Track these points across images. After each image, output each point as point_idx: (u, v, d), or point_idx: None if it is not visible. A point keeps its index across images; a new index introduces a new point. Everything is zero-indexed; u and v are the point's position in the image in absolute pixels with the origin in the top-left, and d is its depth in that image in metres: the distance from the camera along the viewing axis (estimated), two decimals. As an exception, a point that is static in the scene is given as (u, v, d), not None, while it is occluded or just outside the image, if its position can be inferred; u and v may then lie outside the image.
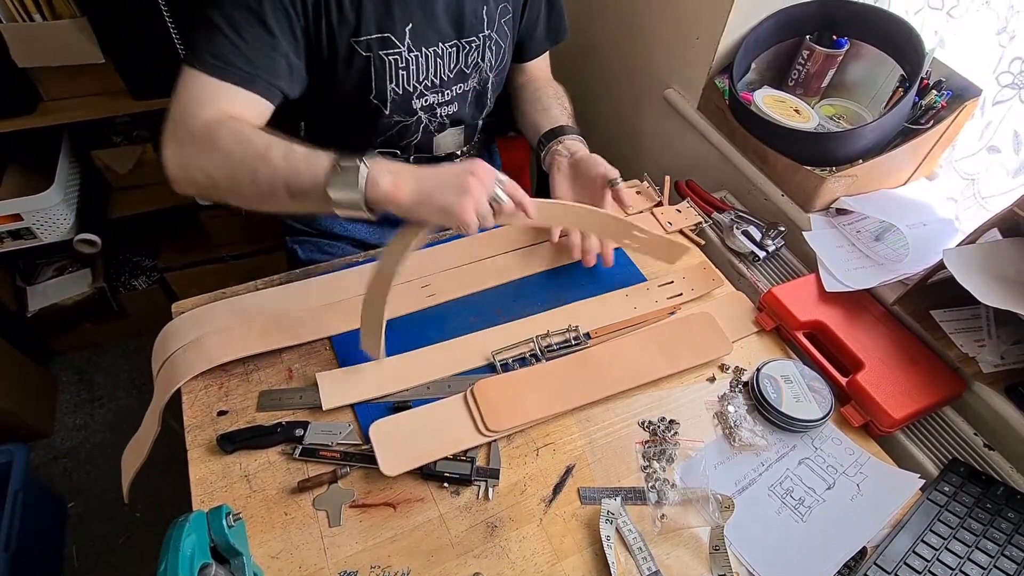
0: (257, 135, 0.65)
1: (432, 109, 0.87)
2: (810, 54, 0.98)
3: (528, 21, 0.92)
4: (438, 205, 0.61)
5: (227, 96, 0.67)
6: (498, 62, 0.89)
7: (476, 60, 0.85)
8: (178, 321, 0.76)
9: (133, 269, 1.63)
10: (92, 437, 1.51)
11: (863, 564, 0.61)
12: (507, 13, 0.86)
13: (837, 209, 0.92)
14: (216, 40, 0.67)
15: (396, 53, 0.78)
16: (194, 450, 0.66)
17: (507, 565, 0.60)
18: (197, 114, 0.66)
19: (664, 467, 0.67)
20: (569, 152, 0.86)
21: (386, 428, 0.66)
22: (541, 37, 0.95)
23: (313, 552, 0.59)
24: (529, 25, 0.92)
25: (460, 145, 0.97)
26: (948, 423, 0.74)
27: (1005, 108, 0.84)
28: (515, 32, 0.91)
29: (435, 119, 0.89)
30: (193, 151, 0.65)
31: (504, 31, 0.87)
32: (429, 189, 0.61)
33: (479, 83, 0.89)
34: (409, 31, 0.77)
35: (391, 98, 0.81)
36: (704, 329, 0.79)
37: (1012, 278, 0.69)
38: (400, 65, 0.79)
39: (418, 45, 0.79)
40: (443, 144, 0.94)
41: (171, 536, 0.46)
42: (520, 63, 0.97)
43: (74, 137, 1.38)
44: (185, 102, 0.67)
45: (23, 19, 1.04)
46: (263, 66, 0.69)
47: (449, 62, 0.83)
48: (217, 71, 0.67)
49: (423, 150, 0.93)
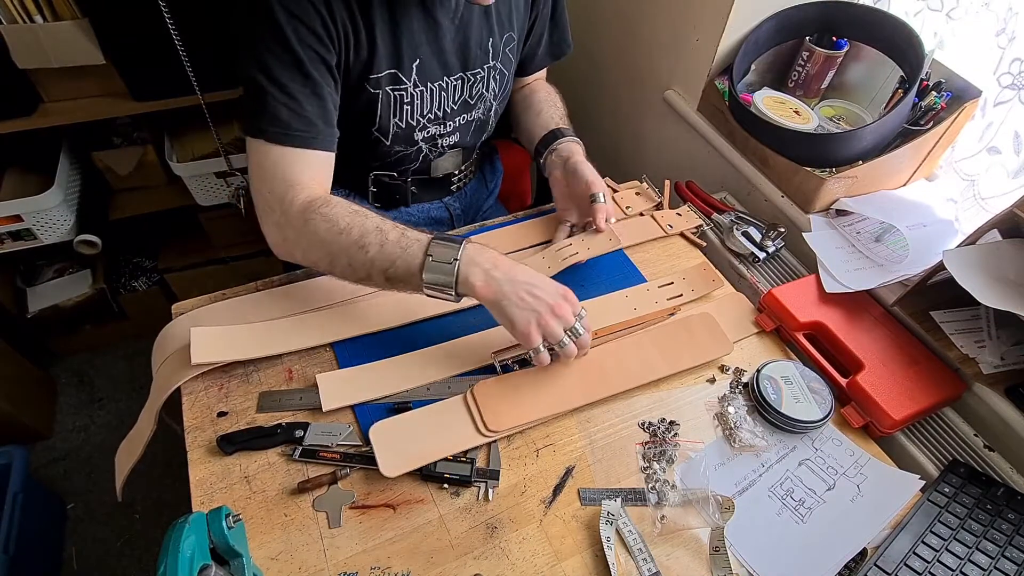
0: (351, 222, 0.68)
1: (434, 139, 0.87)
2: (810, 55, 0.99)
3: (532, 41, 0.91)
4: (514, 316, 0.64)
5: (298, 161, 0.70)
6: (502, 89, 0.89)
7: (481, 91, 0.85)
8: (177, 322, 0.76)
9: (133, 270, 1.64)
10: (92, 439, 1.51)
11: (863, 565, 0.61)
12: (512, 41, 0.85)
13: (837, 210, 0.92)
14: (270, 106, 0.68)
15: (402, 89, 0.78)
16: (194, 451, 0.66)
17: (507, 566, 0.60)
18: (286, 197, 0.69)
19: (664, 468, 0.67)
20: (562, 159, 0.86)
21: (386, 429, 0.66)
22: (544, 54, 0.95)
23: (313, 553, 0.59)
24: (532, 44, 0.92)
25: (458, 166, 0.97)
26: (948, 424, 0.74)
27: (1006, 109, 0.84)
28: (519, 56, 0.90)
29: (436, 148, 0.89)
30: (292, 237, 0.70)
31: (509, 59, 0.87)
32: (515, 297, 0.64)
33: (483, 112, 0.89)
34: (416, 67, 0.77)
35: (393, 131, 0.81)
36: (704, 330, 0.79)
37: (1012, 279, 0.69)
38: (405, 100, 0.79)
39: (424, 80, 0.79)
40: (441, 167, 0.94)
41: (171, 537, 0.46)
42: (519, 77, 0.97)
43: (74, 138, 1.38)
44: (267, 179, 0.70)
45: (24, 20, 1.04)
46: (319, 119, 0.70)
47: (454, 94, 0.83)
48: (280, 139, 0.68)
49: (421, 173, 0.93)
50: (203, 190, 1.42)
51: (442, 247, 0.65)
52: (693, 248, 0.93)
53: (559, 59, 0.97)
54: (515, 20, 0.84)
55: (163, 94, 1.22)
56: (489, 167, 1.10)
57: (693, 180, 1.05)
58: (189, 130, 1.39)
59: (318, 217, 0.68)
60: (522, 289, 0.65)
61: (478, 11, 0.79)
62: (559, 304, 0.65)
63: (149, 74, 1.19)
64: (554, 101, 0.96)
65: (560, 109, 0.95)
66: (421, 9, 0.74)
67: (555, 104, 0.95)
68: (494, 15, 0.81)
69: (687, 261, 0.90)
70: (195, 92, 1.20)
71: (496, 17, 0.81)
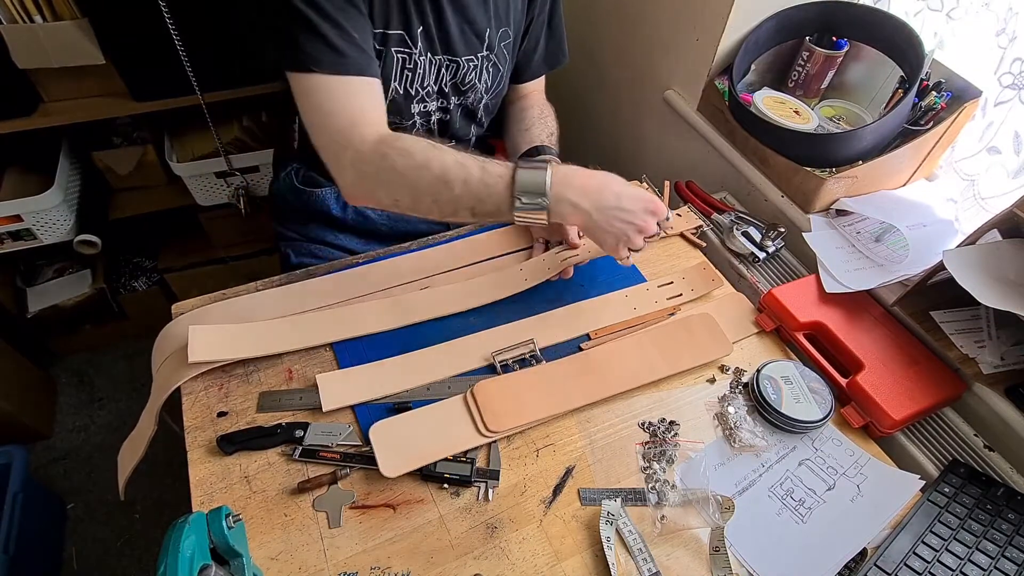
0: (429, 156, 0.66)
1: (427, 116, 0.87)
2: (810, 55, 0.99)
3: (527, 46, 0.91)
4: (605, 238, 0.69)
5: (357, 91, 0.67)
6: (494, 84, 0.89)
7: (473, 80, 0.85)
8: (177, 322, 0.76)
9: (133, 270, 1.64)
10: (92, 439, 1.51)
11: (863, 565, 0.61)
12: (507, 38, 0.86)
13: (837, 210, 0.92)
14: (319, 36, 0.65)
15: (407, 52, 0.78)
16: (194, 451, 0.66)
17: (507, 566, 0.60)
18: (355, 133, 0.67)
19: (664, 468, 0.67)
20: None
21: (386, 429, 0.66)
22: (539, 62, 0.95)
23: (313, 553, 0.59)
24: (528, 50, 0.92)
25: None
26: (948, 424, 0.74)
27: (1006, 109, 0.84)
28: (514, 56, 0.90)
29: (427, 126, 0.89)
30: (372, 174, 0.67)
31: (504, 55, 0.87)
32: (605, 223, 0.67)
33: (473, 101, 0.89)
34: (421, 34, 0.77)
35: (392, 96, 0.81)
36: (704, 330, 0.79)
37: (1012, 279, 0.69)
38: (408, 65, 0.79)
39: (425, 50, 0.79)
40: None
41: (171, 537, 0.46)
42: (516, 84, 0.97)
43: (74, 138, 1.38)
44: (331, 115, 0.67)
45: (24, 20, 1.04)
46: (367, 45, 0.69)
47: (448, 74, 0.83)
48: (336, 67, 0.65)
49: None
50: (203, 190, 1.42)
51: (529, 185, 0.65)
52: (693, 248, 0.93)
53: (555, 69, 0.97)
54: (512, 17, 0.85)
55: (163, 94, 1.22)
56: None
57: (693, 180, 1.05)
58: (189, 130, 1.39)
59: (394, 152, 0.66)
60: (611, 215, 0.67)
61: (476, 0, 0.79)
62: (646, 223, 0.68)
63: (149, 74, 1.19)
64: (546, 121, 0.95)
65: (550, 128, 0.95)
66: None
67: (546, 124, 0.95)
68: (492, 7, 0.81)
69: (687, 261, 0.90)
70: (195, 92, 1.20)
71: (494, 10, 0.82)
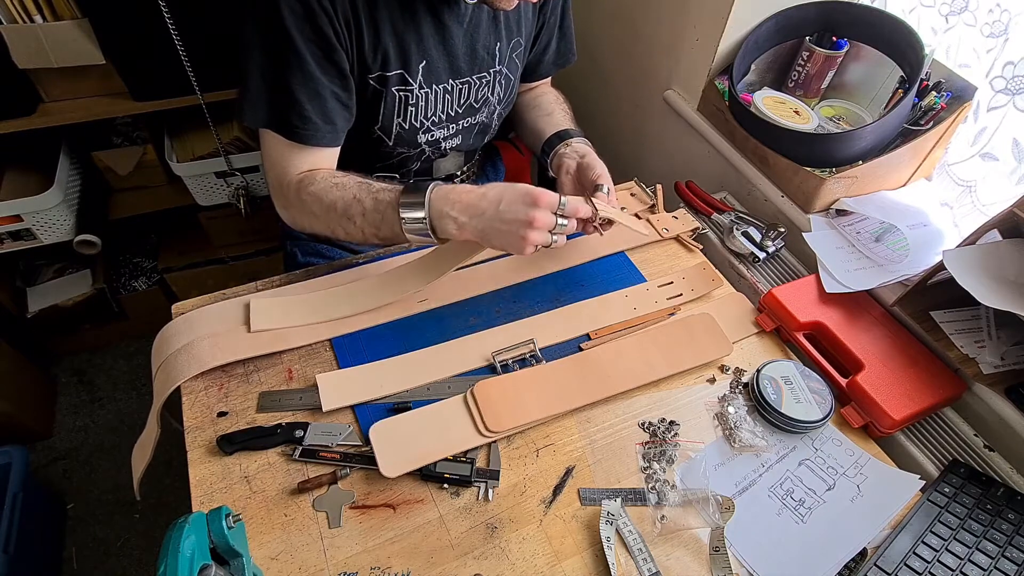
0: (334, 197, 0.73)
1: (437, 142, 0.87)
2: (810, 55, 0.99)
3: (539, 49, 0.91)
4: (501, 244, 0.68)
5: (300, 153, 0.75)
6: (507, 94, 0.89)
7: (486, 95, 0.85)
8: (177, 322, 0.76)
9: (133, 270, 1.63)
10: (92, 439, 1.51)
11: (863, 565, 0.61)
12: (519, 47, 0.86)
13: (837, 210, 0.92)
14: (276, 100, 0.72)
15: (408, 90, 0.78)
16: (194, 451, 0.66)
17: (507, 566, 0.60)
18: (284, 179, 0.76)
19: (664, 468, 0.67)
20: (578, 155, 0.86)
21: (386, 429, 0.66)
22: (550, 62, 0.95)
23: (313, 553, 0.59)
24: (539, 52, 0.92)
25: (460, 167, 0.96)
26: (948, 424, 0.74)
27: (1000, 115, 0.84)
28: (524, 61, 0.90)
29: (438, 151, 0.89)
30: (295, 213, 0.78)
31: (515, 64, 0.87)
32: (492, 231, 0.67)
33: (487, 116, 0.89)
34: (423, 68, 0.77)
35: (396, 132, 0.81)
36: (704, 330, 0.79)
37: (1012, 279, 0.69)
38: (410, 102, 0.79)
39: (429, 82, 0.79)
40: (443, 167, 0.94)
41: (171, 537, 0.46)
42: (525, 82, 0.97)
43: (74, 138, 1.38)
44: (273, 165, 0.77)
45: (24, 20, 1.04)
46: (320, 117, 0.73)
47: (459, 97, 0.83)
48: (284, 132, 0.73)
49: (423, 174, 0.93)
50: (203, 190, 1.42)
51: (410, 210, 0.69)
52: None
53: (564, 67, 0.97)
54: (523, 26, 0.84)
55: (163, 94, 1.22)
56: (491, 168, 1.10)
57: (693, 180, 1.05)
58: (189, 130, 1.39)
59: (308, 197, 0.74)
60: (493, 222, 0.67)
61: (487, 15, 0.79)
62: (533, 216, 0.66)
63: (149, 74, 1.18)
64: (564, 105, 0.96)
65: (569, 113, 0.95)
66: (430, 13, 0.74)
67: (565, 109, 0.95)
68: (503, 20, 0.81)
69: (687, 261, 0.90)
70: (195, 92, 1.20)
71: (505, 22, 0.81)
